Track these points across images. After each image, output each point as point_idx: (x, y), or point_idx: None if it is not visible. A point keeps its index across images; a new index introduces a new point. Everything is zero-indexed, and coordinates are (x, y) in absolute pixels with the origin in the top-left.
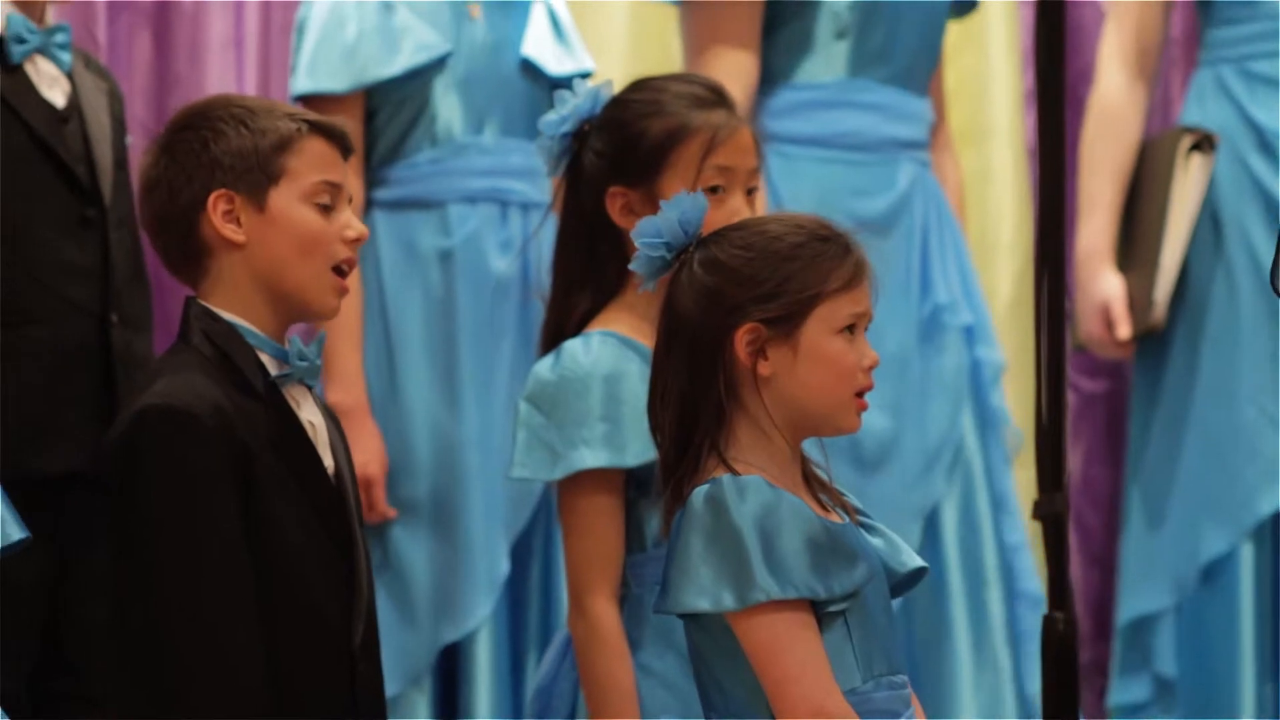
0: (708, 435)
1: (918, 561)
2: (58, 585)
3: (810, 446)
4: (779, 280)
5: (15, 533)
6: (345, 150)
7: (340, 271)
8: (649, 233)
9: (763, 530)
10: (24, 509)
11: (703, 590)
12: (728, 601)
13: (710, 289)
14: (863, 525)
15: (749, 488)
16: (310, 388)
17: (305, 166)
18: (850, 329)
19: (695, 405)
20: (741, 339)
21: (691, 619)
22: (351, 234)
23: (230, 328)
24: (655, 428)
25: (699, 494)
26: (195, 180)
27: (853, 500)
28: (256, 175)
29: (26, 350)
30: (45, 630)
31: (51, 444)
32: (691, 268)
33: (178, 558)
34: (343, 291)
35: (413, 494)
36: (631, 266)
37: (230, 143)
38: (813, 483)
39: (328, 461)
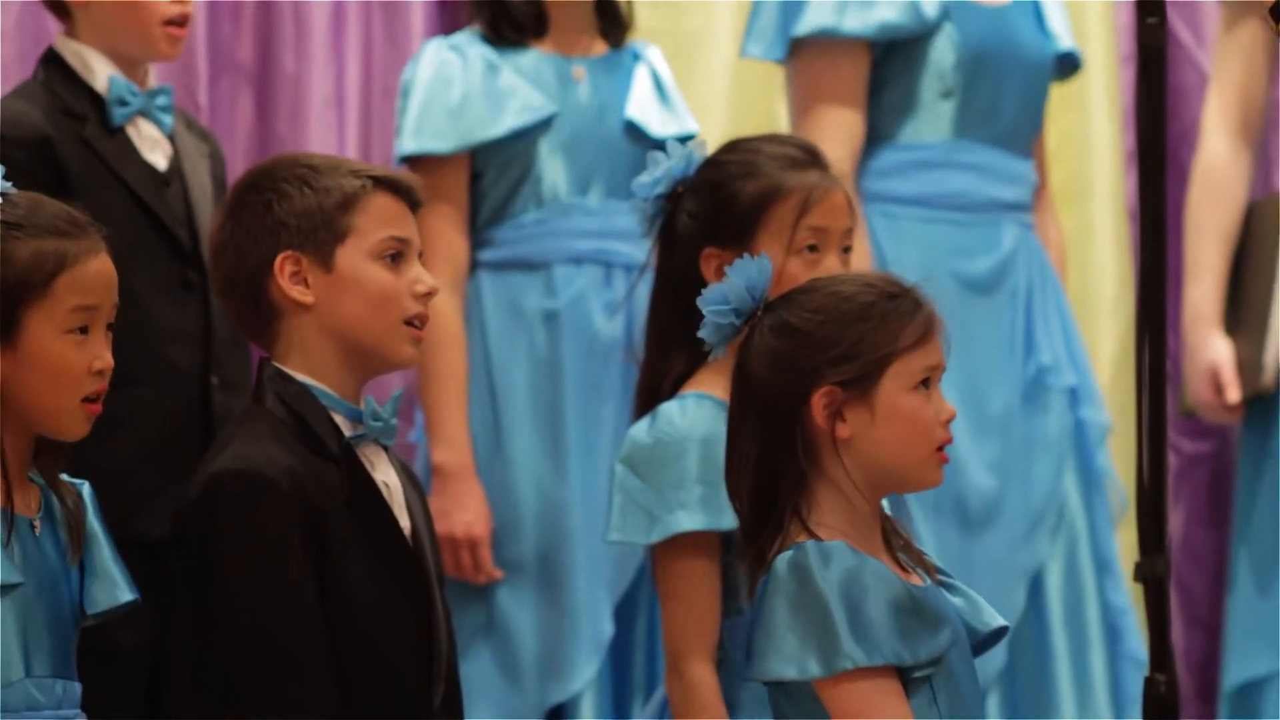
0: (788, 501)
1: (999, 621)
2: (157, 648)
3: (898, 505)
4: (852, 341)
5: (125, 594)
6: (414, 204)
7: (413, 325)
8: (716, 300)
9: (848, 597)
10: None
11: (789, 658)
12: (814, 669)
13: (783, 353)
14: (943, 584)
15: (833, 554)
16: (386, 448)
17: (371, 223)
18: (925, 383)
19: (774, 471)
20: (818, 403)
21: (778, 687)
22: (422, 288)
23: (304, 389)
24: (733, 494)
25: (783, 560)
26: (261, 243)
27: (932, 558)
28: (322, 235)
29: (129, 413)
30: (146, 693)
31: (152, 507)
32: (762, 332)
33: (252, 621)
34: (417, 341)
35: (518, 555)
36: (699, 334)
37: (294, 203)
38: (893, 542)
39: (404, 522)
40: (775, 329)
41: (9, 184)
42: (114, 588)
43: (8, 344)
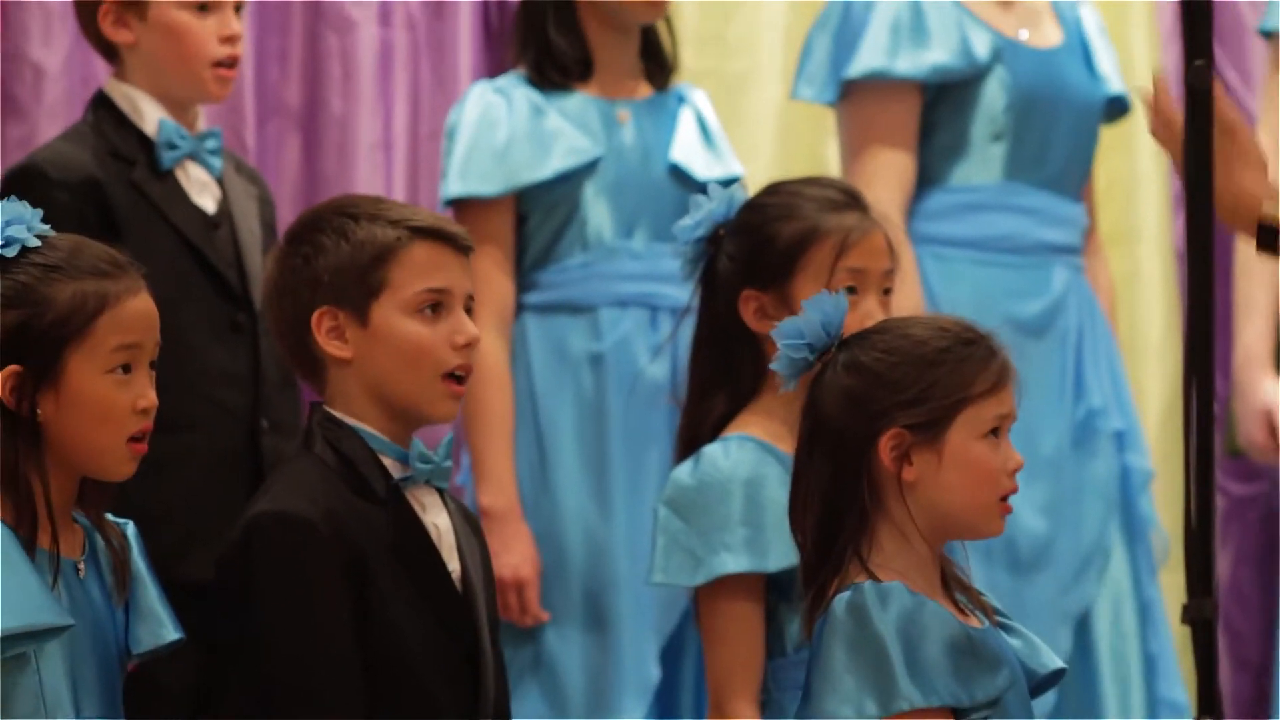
0: (850, 540)
1: (1057, 662)
2: (201, 689)
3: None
4: (925, 385)
5: (170, 634)
6: (460, 249)
7: (454, 377)
8: (791, 334)
9: (905, 638)
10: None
11: (846, 698)
12: (871, 709)
13: (854, 393)
14: (1001, 626)
15: (891, 594)
16: (440, 490)
17: (407, 276)
18: (995, 432)
19: (838, 509)
20: (886, 444)
21: None
22: (461, 339)
23: (352, 433)
24: (796, 530)
25: (841, 601)
26: (301, 297)
27: (990, 600)
28: (356, 290)
29: (178, 456)
30: None
31: (200, 549)
32: (835, 370)
33: (290, 663)
34: (457, 396)
35: (564, 597)
36: (773, 367)
37: (330, 258)
38: (951, 584)
39: (452, 565)
40: (848, 367)
41: (47, 226)
42: (159, 627)
43: (51, 386)
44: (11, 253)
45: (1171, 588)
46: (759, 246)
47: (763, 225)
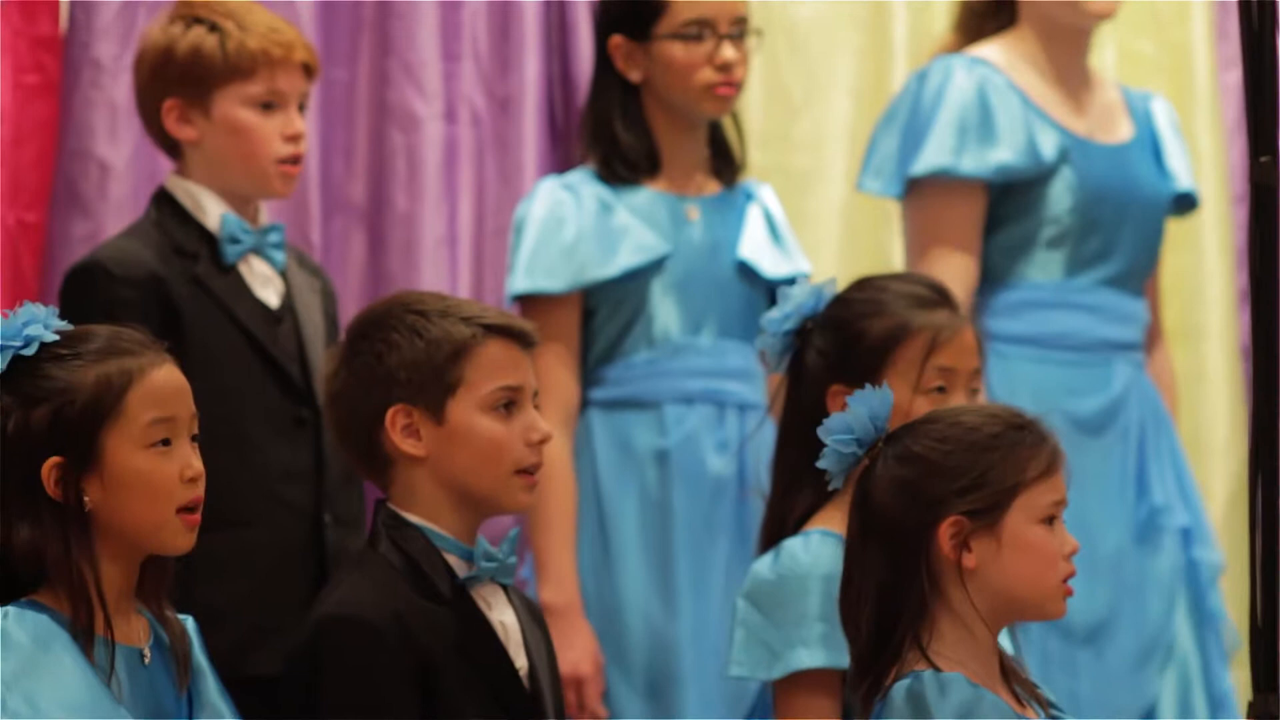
0: (910, 628)
1: None
2: None
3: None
4: (981, 471)
5: None
6: (528, 345)
7: (528, 472)
8: (839, 429)
9: None
10: (239, 712)
11: None
12: None
13: (909, 482)
14: (1056, 719)
15: (950, 685)
16: (505, 586)
17: (482, 374)
18: (1050, 519)
19: (896, 599)
20: (945, 532)
21: None
22: (535, 436)
23: (417, 532)
24: (848, 622)
25: (900, 688)
26: (373, 396)
27: (1046, 693)
28: (432, 388)
29: (242, 552)
30: None
31: (263, 646)
32: (885, 462)
33: None
34: (532, 487)
35: (628, 692)
36: (820, 464)
37: (404, 355)
38: (1009, 675)
39: (520, 661)
40: (900, 458)
41: (64, 322)
42: None
43: (94, 471)
44: (31, 351)
45: (1241, 683)
46: (849, 342)
47: (852, 321)
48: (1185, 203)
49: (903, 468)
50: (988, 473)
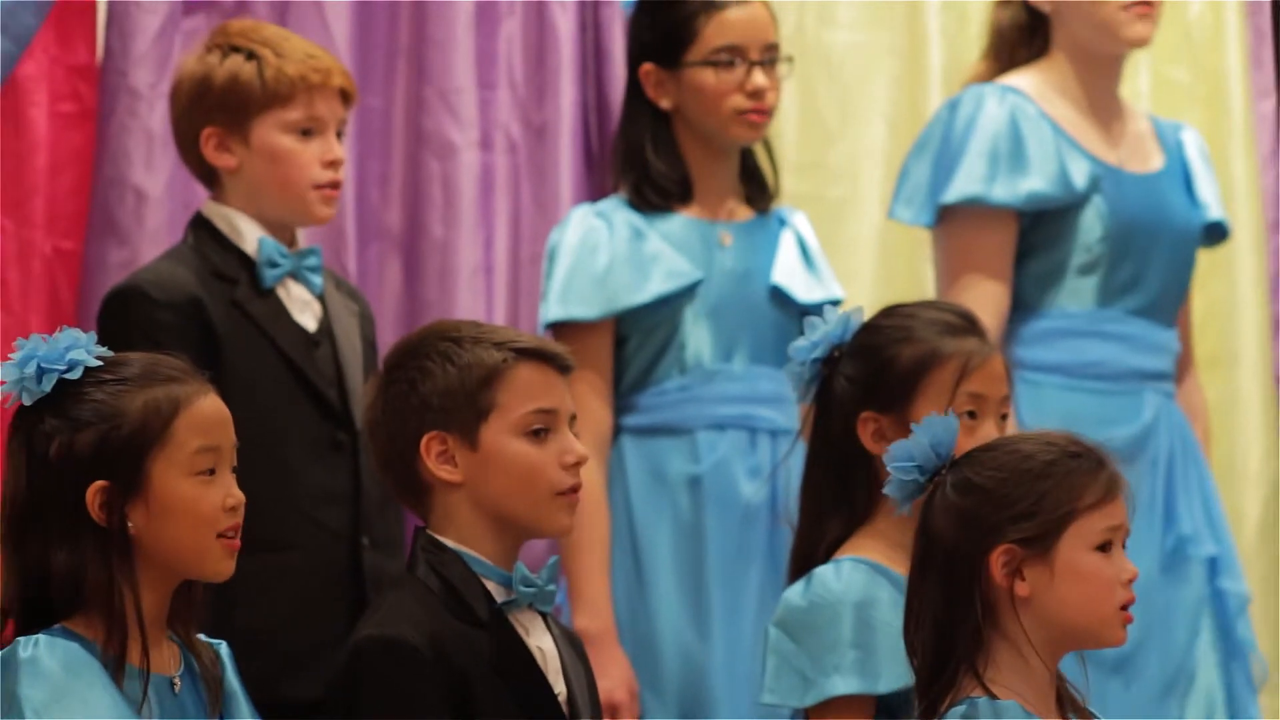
0: (964, 657)
1: None
2: None
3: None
4: (1033, 499)
5: None
6: (562, 369)
7: (568, 492)
8: (902, 457)
9: None
10: None
11: None
12: None
13: (965, 511)
14: None
15: (1004, 713)
16: (544, 613)
17: (514, 398)
18: (1107, 545)
19: (951, 628)
20: (997, 561)
21: None
22: (571, 458)
23: (456, 557)
24: (910, 650)
25: (955, 715)
26: (408, 424)
27: None
28: (466, 414)
29: (280, 576)
30: None
31: (301, 670)
32: (945, 490)
33: None
34: (572, 506)
35: (662, 719)
36: (885, 491)
37: (437, 382)
38: (1065, 704)
39: (558, 688)
40: (958, 487)
41: (104, 348)
42: None
43: (139, 497)
44: (76, 375)
45: (1271, 711)
46: (879, 369)
47: (882, 348)
48: (1216, 232)
49: (960, 497)
50: (1040, 501)
